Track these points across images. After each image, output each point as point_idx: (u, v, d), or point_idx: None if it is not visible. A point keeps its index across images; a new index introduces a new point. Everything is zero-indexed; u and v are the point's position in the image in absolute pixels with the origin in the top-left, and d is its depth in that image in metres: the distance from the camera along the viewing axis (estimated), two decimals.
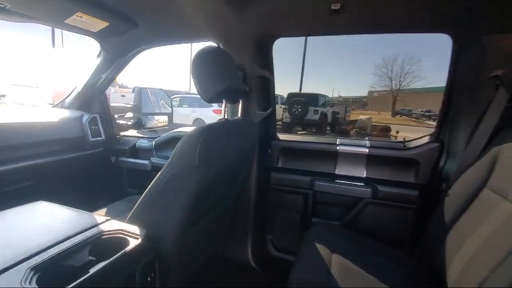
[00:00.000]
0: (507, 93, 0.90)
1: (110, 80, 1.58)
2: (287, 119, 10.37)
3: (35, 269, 0.54)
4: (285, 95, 11.36)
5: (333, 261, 0.90)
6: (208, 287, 1.18)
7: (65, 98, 1.66)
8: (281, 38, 1.24)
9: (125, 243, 0.68)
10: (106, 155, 1.64)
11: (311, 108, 10.06)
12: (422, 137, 1.25)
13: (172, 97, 10.55)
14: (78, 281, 0.52)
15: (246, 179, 1.23)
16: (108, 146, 1.66)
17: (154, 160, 1.56)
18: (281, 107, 11.13)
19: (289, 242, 1.35)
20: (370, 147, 1.23)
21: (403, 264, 0.97)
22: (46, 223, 0.71)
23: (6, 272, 0.52)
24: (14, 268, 0.53)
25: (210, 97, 0.85)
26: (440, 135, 1.17)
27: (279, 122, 10.93)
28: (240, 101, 1.13)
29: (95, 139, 1.57)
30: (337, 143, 1.28)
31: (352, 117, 12.79)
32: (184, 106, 9.68)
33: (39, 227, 0.69)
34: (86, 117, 1.55)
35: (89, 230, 0.70)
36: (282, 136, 1.39)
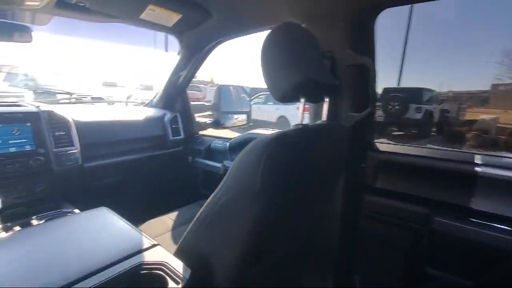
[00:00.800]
0: None
1: (190, 78, 1.54)
2: (380, 117, 9.12)
3: None
4: (380, 90, 10.05)
5: None
6: None
7: (153, 98, 1.74)
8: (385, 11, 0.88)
9: (163, 283, 0.53)
10: (184, 154, 1.63)
11: (412, 106, 8.54)
12: None
13: (258, 94, 10.89)
14: None
15: (330, 201, 0.95)
16: (187, 145, 1.64)
17: (228, 163, 1.44)
18: None
19: None
20: None
21: None
22: (95, 241, 0.63)
23: None
24: None
25: (282, 94, 0.62)
26: None
27: None
28: (326, 100, 0.84)
29: (175, 138, 1.57)
30: (477, 161, 0.84)
31: (468, 116, 10.24)
32: (269, 103, 9.80)
33: (87, 244, 0.61)
34: (167, 116, 1.57)
35: (132, 258, 0.58)
36: (382, 147, 1.03)
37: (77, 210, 1.04)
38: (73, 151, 1.12)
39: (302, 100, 0.66)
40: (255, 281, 0.64)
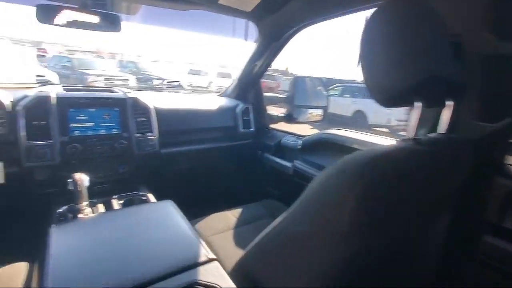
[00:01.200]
0: None
1: (265, 68, 1.45)
2: None
3: None
4: None
5: None
6: None
7: (228, 87, 1.72)
8: None
9: None
10: (253, 148, 1.57)
11: None
12: None
13: (334, 86, 10.21)
14: None
15: (433, 239, 0.72)
16: (257, 138, 1.58)
17: (298, 164, 1.31)
18: None
19: None
20: None
21: None
22: (157, 242, 0.60)
23: None
24: None
25: (389, 97, 0.45)
26: None
27: None
28: (448, 103, 0.60)
29: (245, 130, 1.52)
30: None
31: None
32: (345, 95, 9.10)
33: (148, 245, 0.58)
34: (240, 107, 1.52)
35: (188, 272, 0.52)
36: None
37: (150, 195, 1.08)
38: (152, 137, 1.17)
39: (418, 104, 0.47)
40: None
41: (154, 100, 1.25)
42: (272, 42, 1.27)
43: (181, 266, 0.53)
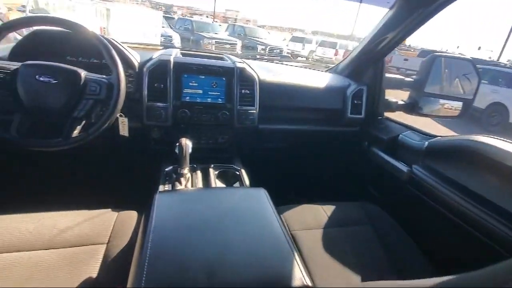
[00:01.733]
0: None
1: (396, 42, 1.15)
2: None
3: None
4: None
5: None
6: None
7: (340, 62, 1.49)
8: None
9: None
10: (359, 137, 1.35)
11: None
12: None
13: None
14: None
15: None
16: (365, 127, 1.34)
17: (418, 170, 1.04)
18: None
19: None
20: None
21: None
22: (239, 242, 0.54)
23: None
24: None
25: None
26: None
27: None
28: None
29: (353, 116, 1.30)
30: None
31: None
32: (483, 81, 7.09)
33: (227, 245, 0.53)
34: (351, 89, 1.29)
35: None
36: None
37: (243, 170, 1.06)
38: (252, 111, 1.12)
39: None
40: None
41: (260, 71, 1.17)
42: (419, 8, 0.96)
43: (270, 284, 0.45)
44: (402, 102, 1.41)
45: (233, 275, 0.45)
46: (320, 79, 1.31)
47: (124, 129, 0.96)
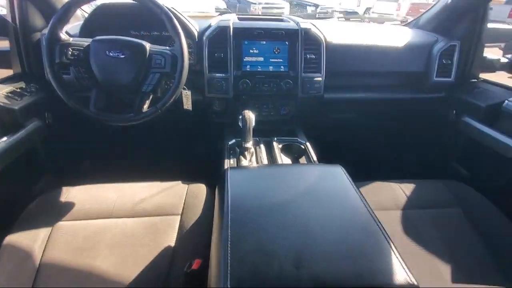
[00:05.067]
0: None
1: None
2: None
3: None
4: None
5: None
6: None
7: (420, 16, 1.23)
8: None
9: None
10: (447, 105, 1.13)
11: None
12: None
13: None
14: None
15: None
16: (455, 93, 1.12)
17: None
18: None
19: None
20: None
21: None
22: (326, 228, 0.48)
23: None
24: None
25: None
26: None
27: None
28: None
29: (440, 79, 1.09)
30: None
31: None
32: None
33: (313, 231, 0.47)
34: (439, 46, 1.07)
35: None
36: None
37: (308, 144, 0.98)
38: (318, 78, 1.01)
39: None
40: None
41: (327, 31, 1.03)
42: None
43: (369, 283, 0.39)
44: (506, 60, 1.13)
45: (324, 266, 0.40)
46: (398, 36, 1.11)
47: (188, 103, 0.95)
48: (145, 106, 0.81)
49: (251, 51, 0.98)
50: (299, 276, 0.39)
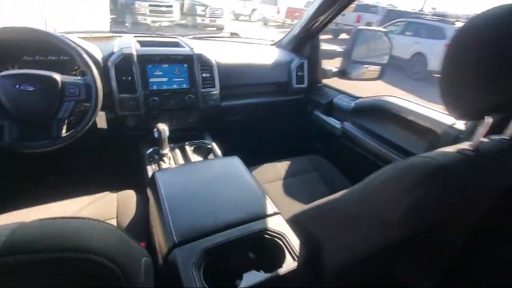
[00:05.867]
0: None
1: (326, 24, 1.38)
2: None
3: (208, 252, 0.60)
4: None
5: None
6: None
7: (283, 38, 1.68)
8: None
9: (281, 256, 0.63)
10: (304, 103, 1.62)
11: None
12: None
13: (395, 21, 8.86)
14: None
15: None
16: (308, 95, 1.61)
17: (348, 126, 1.36)
18: None
19: None
20: None
21: None
22: (229, 193, 0.78)
23: (188, 245, 0.61)
24: (195, 243, 0.62)
25: (466, 113, 0.49)
26: None
27: None
28: None
29: (298, 86, 1.55)
30: None
31: None
32: (406, 33, 7.96)
33: (223, 196, 0.76)
34: (295, 63, 1.52)
35: (257, 222, 0.70)
36: None
37: (214, 144, 1.26)
38: (214, 92, 1.29)
39: (489, 120, 0.50)
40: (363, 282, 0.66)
41: (215, 55, 1.32)
42: (338, 0, 1.19)
43: (254, 216, 0.70)
44: (336, 70, 1.70)
45: (230, 216, 0.69)
46: (268, 55, 1.51)
47: (102, 122, 1.06)
48: (63, 131, 0.89)
49: (155, 73, 1.16)
50: (216, 223, 0.66)
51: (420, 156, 0.50)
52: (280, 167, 1.28)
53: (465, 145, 0.52)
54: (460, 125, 0.98)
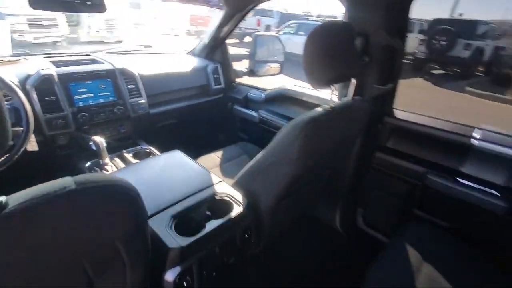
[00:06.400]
0: None
1: (230, 32, 1.66)
2: (422, 54, 8.35)
3: (174, 216, 0.77)
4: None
5: (423, 271, 0.86)
6: (294, 244, 1.37)
7: (195, 47, 1.89)
8: None
9: (231, 207, 0.85)
10: (224, 101, 1.87)
11: (461, 41, 7.63)
12: None
13: (289, 23, 10.03)
14: (198, 236, 0.72)
15: (348, 156, 1.20)
16: (226, 93, 1.87)
17: (263, 113, 1.68)
18: (417, 37, 8.93)
19: (381, 224, 1.31)
20: None
21: None
22: (179, 176, 0.96)
23: (157, 215, 0.77)
24: (162, 213, 0.78)
25: (319, 85, 0.81)
26: None
27: (411, 57, 8.97)
28: (353, 81, 1.00)
29: (216, 87, 1.79)
30: (475, 136, 1.01)
31: None
32: (300, 33, 9.17)
33: (174, 179, 0.93)
34: (210, 67, 1.75)
35: (207, 189, 0.90)
36: (399, 113, 1.20)
37: (151, 147, 1.37)
38: (142, 101, 1.40)
39: (333, 87, 0.84)
40: (285, 208, 0.95)
41: (137, 67, 1.43)
42: (236, 13, 1.48)
43: (204, 186, 0.90)
44: (245, 70, 2.00)
45: (185, 190, 0.87)
46: (185, 63, 1.69)
47: (33, 145, 1.06)
48: None
49: (79, 90, 1.21)
50: (175, 197, 0.84)
51: (302, 114, 0.80)
52: (215, 157, 1.50)
53: (327, 105, 0.86)
54: (334, 98, 1.40)
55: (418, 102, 3.80)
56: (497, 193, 0.96)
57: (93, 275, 0.44)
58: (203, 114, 1.84)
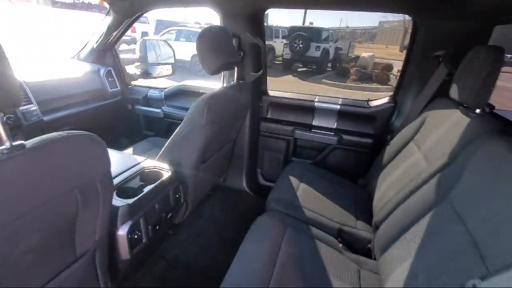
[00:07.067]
0: (445, 69, 1.16)
1: (120, 37, 1.75)
2: (287, 55, 10.09)
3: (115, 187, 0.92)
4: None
5: (300, 187, 1.31)
6: (212, 204, 1.64)
7: (80, 51, 1.85)
8: None
9: (160, 174, 1.06)
10: (123, 103, 1.92)
11: (313, 44, 9.68)
12: (383, 97, 1.54)
13: (168, 29, 9.96)
14: (139, 196, 0.90)
15: (242, 127, 1.57)
16: (124, 95, 1.93)
17: (165, 109, 1.86)
18: (282, 42, 10.68)
19: (273, 175, 1.76)
20: (341, 104, 1.53)
21: (352, 190, 1.38)
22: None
23: None
24: None
25: (212, 71, 1.12)
26: (396, 97, 1.45)
27: (280, 59, 10.66)
28: (235, 68, 1.38)
29: (113, 90, 1.83)
30: (315, 100, 1.57)
31: (357, 52, 12.35)
32: (181, 39, 9.31)
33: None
34: (102, 71, 1.78)
35: (136, 166, 1.07)
36: (271, 92, 1.66)
37: None
38: (33, 108, 1.34)
39: (223, 73, 1.17)
40: (203, 172, 1.22)
41: (19, 74, 1.34)
42: (125, 19, 1.60)
43: (132, 164, 1.06)
44: (139, 72, 2.11)
45: (118, 170, 1.00)
46: (73, 68, 1.66)
47: None
48: None
49: None
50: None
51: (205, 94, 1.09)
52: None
53: (221, 87, 1.18)
54: (225, 84, 1.76)
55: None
56: (332, 133, 1.54)
57: (81, 205, 0.59)
58: (103, 118, 1.84)
